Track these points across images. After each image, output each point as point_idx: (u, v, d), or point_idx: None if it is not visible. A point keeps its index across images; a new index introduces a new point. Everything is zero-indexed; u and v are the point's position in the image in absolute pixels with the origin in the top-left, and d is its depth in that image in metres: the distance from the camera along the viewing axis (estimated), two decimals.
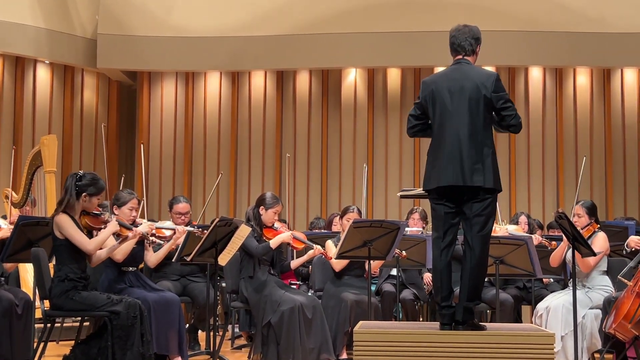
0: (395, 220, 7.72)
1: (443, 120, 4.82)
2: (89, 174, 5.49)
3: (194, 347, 7.44)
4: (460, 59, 4.96)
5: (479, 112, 4.78)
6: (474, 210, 4.77)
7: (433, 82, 4.93)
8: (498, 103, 4.81)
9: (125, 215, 6.12)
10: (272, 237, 6.75)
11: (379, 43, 10.47)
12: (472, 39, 5.01)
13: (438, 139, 4.85)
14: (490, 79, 4.82)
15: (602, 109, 10.84)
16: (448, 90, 4.83)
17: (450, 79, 4.88)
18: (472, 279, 4.76)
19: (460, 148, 4.74)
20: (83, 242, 5.30)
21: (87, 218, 5.45)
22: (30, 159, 8.37)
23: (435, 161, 4.84)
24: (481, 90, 4.78)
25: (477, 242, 4.78)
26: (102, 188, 5.51)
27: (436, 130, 4.86)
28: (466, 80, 4.82)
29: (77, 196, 5.39)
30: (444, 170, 4.77)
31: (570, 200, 10.03)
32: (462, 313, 4.76)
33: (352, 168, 11.01)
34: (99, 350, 5.28)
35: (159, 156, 11.26)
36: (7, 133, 10.51)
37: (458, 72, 4.90)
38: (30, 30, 10.24)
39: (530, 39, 10.31)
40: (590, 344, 6.23)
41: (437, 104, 4.86)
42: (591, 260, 6.25)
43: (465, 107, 4.78)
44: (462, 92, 4.79)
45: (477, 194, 4.77)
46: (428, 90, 4.91)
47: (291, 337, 6.39)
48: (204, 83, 11.31)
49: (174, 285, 7.15)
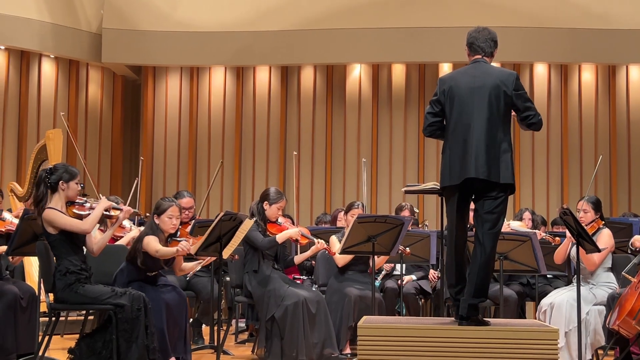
0: (399, 215, 7.72)
1: (462, 116, 4.84)
2: (60, 164, 5.55)
3: (197, 342, 7.46)
4: (479, 58, 4.99)
5: (500, 109, 4.83)
6: (486, 207, 4.80)
7: (452, 79, 4.96)
8: (519, 101, 4.86)
9: (165, 225, 5.99)
10: (276, 232, 6.75)
11: (384, 39, 10.47)
12: (492, 41, 5.04)
13: (455, 135, 4.85)
14: (510, 77, 4.87)
15: (607, 105, 10.83)
16: (468, 86, 4.86)
17: (470, 76, 4.91)
18: (480, 276, 4.76)
19: (478, 143, 4.77)
20: (77, 225, 5.32)
21: (73, 207, 5.47)
22: (36, 153, 8.38)
23: (452, 156, 4.85)
24: (501, 88, 4.82)
25: (487, 240, 4.80)
26: (75, 172, 5.53)
27: (453, 126, 4.87)
28: (487, 78, 4.86)
29: (54, 189, 5.40)
30: (462, 165, 4.79)
31: (575, 196, 10.04)
32: (466, 309, 4.76)
33: (356, 163, 11.01)
34: (103, 343, 5.29)
35: (163, 151, 11.27)
36: (12, 127, 10.53)
37: (478, 69, 4.93)
38: (35, 25, 10.26)
39: (535, 36, 10.30)
40: (594, 340, 6.23)
41: (455, 100, 4.87)
42: (596, 258, 6.24)
43: (485, 104, 4.81)
44: (483, 88, 4.83)
45: (492, 190, 4.79)
46: (447, 87, 4.92)
47: (295, 331, 6.40)
48: (208, 78, 11.32)
49: (178, 279, 7.16)
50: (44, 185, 5.40)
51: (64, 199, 5.44)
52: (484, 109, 4.80)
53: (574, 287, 6.06)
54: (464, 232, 4.93)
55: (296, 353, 6.38)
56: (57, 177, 5.41)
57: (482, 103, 4.80)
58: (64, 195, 5.43)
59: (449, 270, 4.94)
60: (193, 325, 7.52)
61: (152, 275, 6.00)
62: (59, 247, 5.34)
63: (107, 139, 11.46)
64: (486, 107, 4.80)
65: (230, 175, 11.15)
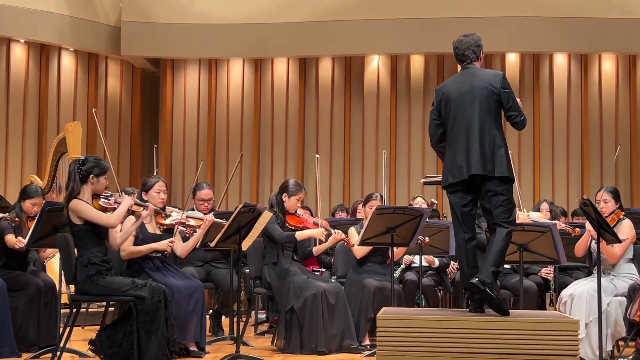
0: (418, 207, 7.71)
1: (456, 119, 5.08)
2: (91, 157, 5.57)
3: (217, 333, 7.50)
4: (467, 64, 5.24)
5: (490, 108, 5.06)
6: (494, 203, 5.00)
7: (444, 87, 5.23)
8: (505, 99, 5.07)
9: (154, 199, 6.20)
10: (294, 224, 6.76)
11: (402, 30, 10.43)
12: (474, 46, 5.24)
13: (453, 138, 5.09)
14: (497, 77, 5.12)
15: (627, 95, 10.74)
16: (459, 90, 5.12)
17: (459, 82, 5.17)
18: (497, 246, 4.93)
19: (472, 142, 4.99)
20: (104, 218, 5.36)
21: (99, 200, 5.51)
22: (55, 145, 8.43)
23: (450, 158, 5.09)
24: (489, 88, 5.06)
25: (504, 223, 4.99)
26: (106, 167, 5.58)
27: (450, 130, 5.12)
28: (475, 80, 5.11)
29: (83, 180, 5.43)
30: (458, 165, 5.02)
31: (595, 187, 9.97)
32: (489, 274, 4.86)
33: (374, 155, 11.00)
34: (124, 334, 5.32)
35: (182, 143, 11.30)
36: (33, 120, 10.59)
37: (467, 75, 5.19)
38: (54, 18, 10.30)
39: (555, 25, 10.22)
40: (614, 332, 6.20)
41: (450, 105, 5.12)
42: (617, 250, 6.21)
43: (476, 104, 5.04)
44: (472, 90, 5.08)
45: (492, 185, 4.99)
46: (441, 95, 5.19)
47: (314, 323, 6.42)
48: (227, 70, 11.33)
49: (197, 271, 7.20)
50: (78, 176, 5.43)
51: (91, 191, 5.48)
52: (475, 110, 5.04)
53: (594, 278, 6.03)
54: (469, 227, 5.09)
55: (315, 344, 6.40)
56: (88, 170, 5.44)
57: (473, 104, 5.05)
58: (91, 189, 5.47)
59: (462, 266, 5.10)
60: (213, 316, 7.56)
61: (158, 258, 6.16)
62: (82, 238, 5.38)
63: (127, 132, 11.50)
64: (477, 108, 5.04)
65: (249, 167, 11.17)
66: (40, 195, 6.70)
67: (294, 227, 6.80)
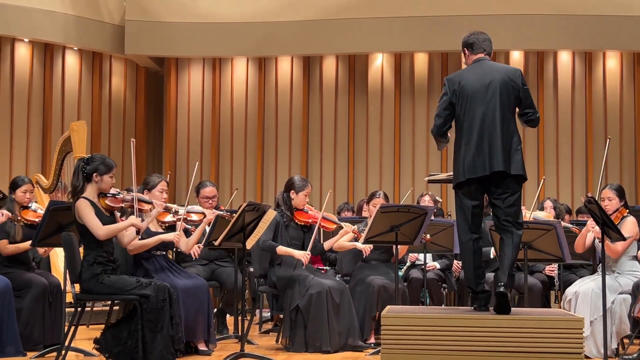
0: (422, 205, 7.71)
1: (475, 113, 4.92)
2: (97, 155, 5.55)
3: (222, 331, 7.50)
4: (482, 57, 5.10)
5: (510, 104, 4.96)
6: (508, 202, 4.93)
7: (460, 77, 5.04)
8: (525, 97, 4.99)
9: (156, 198, 6.20)
10: (304, 220, 6.77)
11: (406, 28, 10.43)
12: (489, 41, 5.16)
13: (470, 131, 4.93)
14: (517, 72, 5.02)
15: (632, 93, 10.73)
16: (477, 82, 4.95)
17: (477, 73, 5.01)
18: (514, 252, 4.91)
19: (494, 138, 4.87)
20: (94, 227, 5.32)
21: (106, 200, 5.49)
22: (60, 144, 8.44)
23: (466, 152, 4.93)
24: (510, 83, 4.95)
25: (517, 226, 4.96)
26: (112, 165, 5.53)
27: (466, 123, 4.95)
28: (495, 74, 4.97)
29: (88, 179, 5.42)
30: (479, 161, 4.88)
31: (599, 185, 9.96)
32: (506, 277, 4.84)
33: (378, 153, 11.00)
34: (129, 333, 5.33)
35: (186, 142, 11.32)
36: (37, 119, 10.61)
37: (485, 67, 5.04)
38: (58, 17, 10.32)
39: (559, 23, 10.21)
40: (619, 329, 6.20)
41: (467, 98, 4.96)
42: (619, 247, 6.21)
43: (497, 99, 4.91)
44: (492, 84, 4.93)
45: (509, 183, 4.91)
46: (456, 86, 5.00)
47: (319, 321, 6.42)
48: (231, 69, 11.34)
49: (202, 269, 7.21)
50: (81, 174, 5.43)
51: (96, 190, 5.46)
52: (496, 104, 4.91)
53: (598, 276, 6.03)
54: (478, 226, 5.02)
55: (320, 343, 6.40)
56: (93, 168, 5.44)
57: (494, 98, 4.91)
58: (96, 187, 5.46)
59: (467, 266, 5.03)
60: (217, 315, 7.57)
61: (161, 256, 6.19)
62: (88, 237, 5.38)
63: (131, 131, 11.51)
64: (498, 102, 4.91)
65: (253, 165, 11.17)
66: (28, 182, 6.78)
67: (303, 223, 6.80)
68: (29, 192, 6.76)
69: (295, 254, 6.64)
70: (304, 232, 6.85)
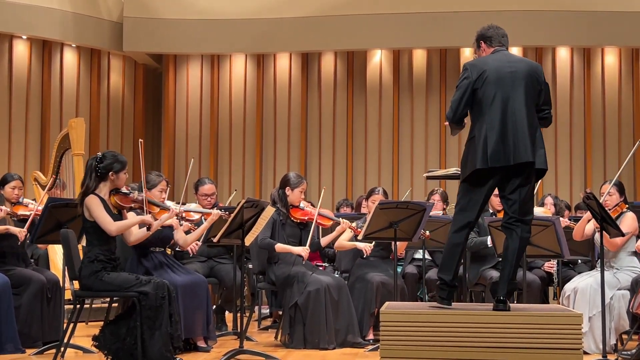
0: (421, 201, 7.71)
1: (500, 100, 4.75)
2: (108, 153, 5.51)
3: (221, 328, 7.50)
4: (500, 48, 4.96)
5: (534, 95, 4.83)
6: (523, 195, 4.76)
7: (484, 64, 4.85)
8: (545, 93, 4.88)
9: (155, 197, 6.19)
10: (300, 217, 6.77)
11: (405, 24, 10.42)
12: (507, 37, 5.02)
13: (492, 118, 4.73)
14: (539, 68, 4.91)
15: (630, 88, 10.73)
16: (504, 70, 4.79)
17: (500, 61, 4.85)
18: (517, 259, 4.77)
19: (521, 127, 4.70)
20: (106, 223, 5.31)
21: (116, 197, 5.46)
22: (59, 142, 8.43)
23: (489, 139, 4.71)
24: (534, 77, 4.83)
25: (527, 225, 4.80)
26: (125, 162, 5.53)
27: (490, 109, 4.75)
28: (520, 65, 4.85)
29: (102, 177, 5.41)
30: (503, 149, 4.69)
31: (598, 181, 9.96)
32: (505, 290, 4.73)
33: (377, 150, 11.00)
34: (127, 330, 5.32)
35: (185, 138, 11.31)
36: (35, 116, 10.60)
37: (508, 57, 4.91)
38: (57, 14, 10.31)
39: (557, 19, 10.21)
40: (618, 325, 6.20)
41: (492, 84, 4.77)
42: (618, 240, 6.21)
43: (522, 89, 4.77)
44: (518, 74, 4.79)
45: (530, 176, 4.76)
46: (481, 71, 4.81)
47: (317, 318, 6.42)
48: (229, 66, 11.33)
49: (201, 266, 7.21)
50: (94, 173, 5.40)
51: (110, 187, 5.45)
52: (522, 94, 4.76)
53: (597, 271, 6.03)
54: (477, 219, 4.87)
55: (319, 339, 6.40)
56: (108, 167, 5.42)
57: (520, 88, 4.77)
58: (110, 185, 5.44)
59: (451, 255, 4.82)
60: (216, 312, 7.57)
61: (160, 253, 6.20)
62: (92, 234, 5.37)
63: (129, 128, 11.51)
64: (523, 93, 4.77)
65: (252, 162, 11.17)
66: (17, 179, 6.79)
67: (299, 220, 6.81)
68: (18, 188, 6.76)
69: (294, 250, 6.64)
70: (300, 229, 6.85)
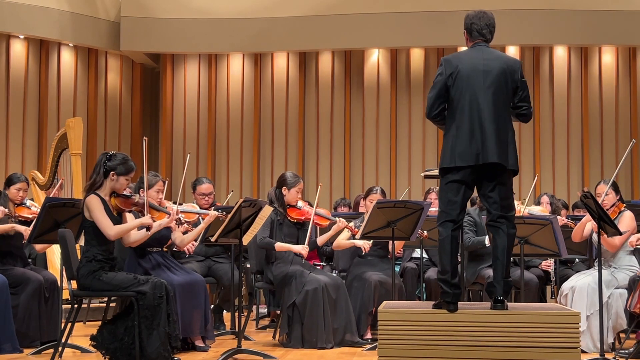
0: (418, 200, 7.71)
1: (471, 99, 4.75)
2: (120, 154, 5.50)
3: (219, 327, 7.50)
4: (480, 42, 4.94)
5: (507, 94, 4.81)
6: (502, 194, 4.78)
7: (458, 60, 4.86)
8: (522, 89, 4.86)
9: (152, 198, 6.18)
10: (296, 216, 6.77)
11: (402, 23, 10.42)
12: (492, 27, 4.98)
13: (463, 117, 4.76)
14: (517, 64, 4.87)
15: (627, 87, 10.74)
16: (477, 69, 4.79)
17: (477, 59, 4.84)
18: (508, 257, 4.78)
19: (489, 127, 4.70)
20: (105, 227, 5.30)
21: (117, 200, 5.44)
22: (56, 141, 8.43)
23: (458, 139, 4.75)
24: (508, 73, 4.80)
25: (510, 223, 4.81)
26: (132, 168, 5.50)
27: (461, 108, 4.78)
28: (495, 62, 4.82)
29: (105, 175, 5.41)
30: (471, 149, 4.71)
31: (596, 180, 9.96)
32: (502, 290, 4.74)
33: (375, 149, 11.00)
34: (125, 329, 5.32)
35: (182, 137, 11.31)
36: (33, 116, 10.59)
37: (485, 53, 4.88)
38: (54, 14, 10.30)
39: (554, 18, 10.21)
40: (615, 324, 6.21)
41: (464, 82, 4.78)
42: (617, 241, 6.21)
43: (494, 87, 4.76)
44: (492, 72, 4.78)
45: (502, 175, 4.77)
46: (454, 68, 4.82)
47: (315, 317, 6.42)
48: (226, 65, 11.33)
49: (199, 266, 7.21)
50: (102, 169, 5.39)
51: (110, 188, 5.45)
52: (493, 93, 4.75)
53: (595, 270, 6.04)
54: (461, 218, 4.84)
55: (316, 339, 6.40)
56: (112, 167, 5.41)
57: (492, 86, 4.76)
58: (110, 185, 5.43)
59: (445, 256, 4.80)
60: (214, 311, 7.57)
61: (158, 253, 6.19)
62: (91, 234, 5.36)
63: (127, 127, 11.51)
64: (495, 91, 4.75)
65: (249, 161, 11.17)
66: (23, 181, 6.77)
67: (296, 220, 6.80)
68: (23, 190, 6.74)
69: (294, 248, 6.65)
70: (297, 229, 6.85)
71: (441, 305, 4.80)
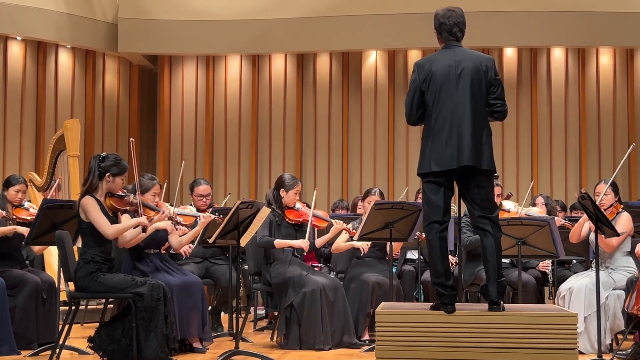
0: (416, 202, 7.70)
1: (445, 102, 4.74)
2: (112, 155, 5.53)
3: (216, 329, 7.50)
4: (452, 42, 4.92)
5: (482, 94, 4.78)
6: (482, 195, 4.77)
7: (431, 63, 4.84)
8: (496, 87, 4.82)
9: (148, 201, 6.18)
10: (294, 218, 6.76)
11: (400, 25, 10.43)
12: (462, 25, 4.96)
13: (438, 121, 4.75)
14: (490, 62, 4.83)
15: (625, 88, 10.75)
16: (449, 72, 4.77)
17: (449, 60, 4.81)
18: (498, 257, 4.77)
19: (464, 130, 4.69)
20: (103, 227, 5.31)
21: (112, 200, 5.47)
22: (54, 143, 8.42)
23: (435, 144, 4.75)
24: (482, 72, 4.78)
25: (494, 224, 4.79)
26: (125, 168, 5.54)
27: (434, 112, 4.77)
28: (467, 62, 4.79)
29: (100, 177, 5.42)
30: (446, 153, 4.70)
31: (593, 181, 9.97)
32: (496, 292, 4.73)
33: (372, 150, 11.00)
34: (123, 331, 5.32)
35: (180, 139, 11.31)
36: (30, 117, 10.59)
37: (457, 54, 4.84)
38: (51, 15, 10.30)
39: (552, 20, 10.22)
40: (613, 325, 6.21)
41: (437, 86, 4.77)
42: (614, 240, 6.22)
43: (468, 89, 4.74)
44: (464, 73, 4.76)
45: (479, 177, 4.76)
46: (427, 73, 4.80)
47: (313, 318, 6.42)
48: (224, 66, 11.33)
49: (196, 267, 7.20)
50: (97, 172, 5.41)
51: (105, 189, 5.45)
52: (467, 94, 4.73)
53: (592, 272, 6.04)
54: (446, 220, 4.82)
55: (314, 340, 6.40)
56: (106, 168, 5.42)
57: (465, 88, 4.73)
58: (106, 187, 5.44)
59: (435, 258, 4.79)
60: (212, 313, 7.56)
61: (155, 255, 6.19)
62: (88, 235, 5.36)
63: (124, 129, 11.50)
64: (469, 92, 4.73)
65: (247, 162, 11.17)
66: (22, 182, 6.77)
67: (294, 221, 6.80)
68: (22, 192, 6.74)
69: (295, 243, 6.64)
70: (295, 230, 6.84)
71: (439, 307, 4.79)
